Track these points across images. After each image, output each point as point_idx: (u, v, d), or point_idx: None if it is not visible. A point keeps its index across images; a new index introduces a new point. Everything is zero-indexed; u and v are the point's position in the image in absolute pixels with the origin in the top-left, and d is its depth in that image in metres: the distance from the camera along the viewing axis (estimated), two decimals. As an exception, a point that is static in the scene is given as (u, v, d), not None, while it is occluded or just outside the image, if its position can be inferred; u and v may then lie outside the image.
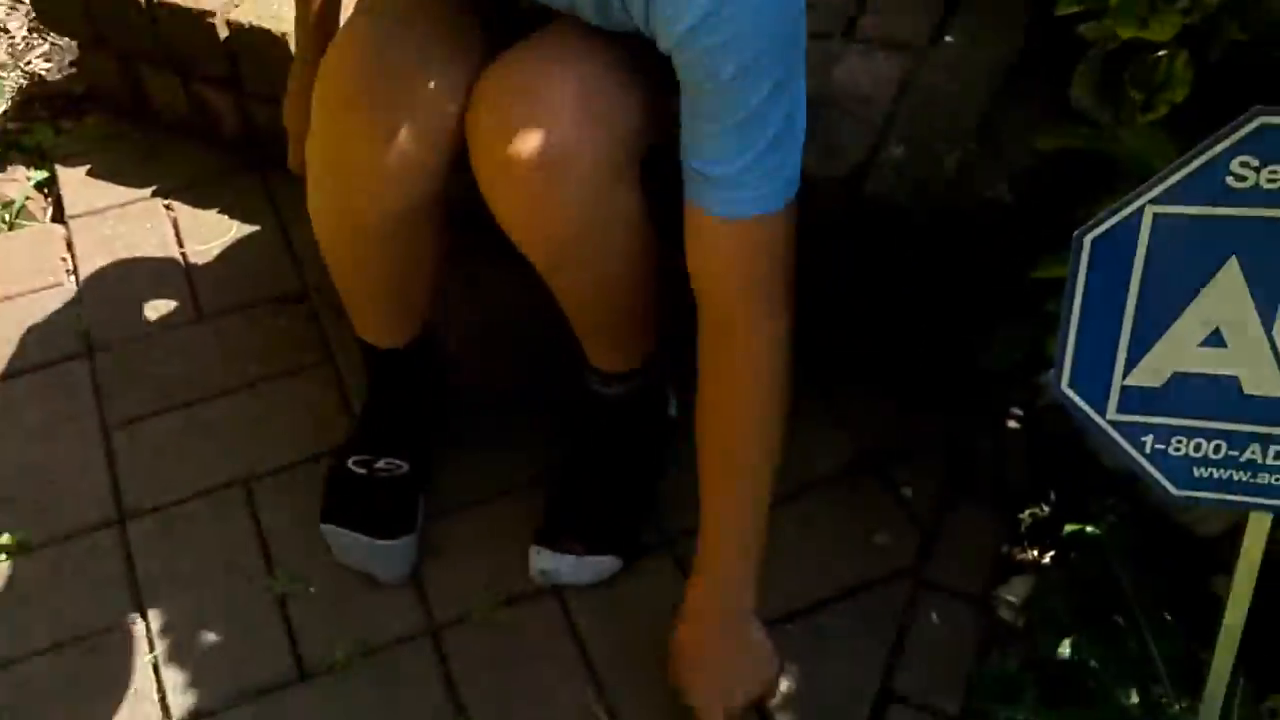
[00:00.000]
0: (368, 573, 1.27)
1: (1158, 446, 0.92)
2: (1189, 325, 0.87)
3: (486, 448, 1.39)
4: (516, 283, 1.22)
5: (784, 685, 1.20)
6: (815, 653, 1.23)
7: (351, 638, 1.23)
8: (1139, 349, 0.88)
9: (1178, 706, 1.21)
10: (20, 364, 1.48)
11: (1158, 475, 0.93)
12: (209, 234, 1.63)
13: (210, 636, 1.23)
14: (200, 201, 1.67)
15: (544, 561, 1.25)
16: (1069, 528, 1.34)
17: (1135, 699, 1.22)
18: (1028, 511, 1.38)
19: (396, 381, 1.32)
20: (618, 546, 1.28)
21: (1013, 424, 1.44)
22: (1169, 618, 1.27)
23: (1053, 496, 1.40)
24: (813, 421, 1.42)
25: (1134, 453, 0.93)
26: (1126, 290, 0.86)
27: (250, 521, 1.33)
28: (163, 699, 1.18)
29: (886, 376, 1.46)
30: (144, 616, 1.25)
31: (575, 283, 1.17)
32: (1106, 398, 0.90)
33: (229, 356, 1.49)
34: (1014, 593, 1.30)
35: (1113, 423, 0.92)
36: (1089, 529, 1.33)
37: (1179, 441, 0.92)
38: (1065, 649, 1.26)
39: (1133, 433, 0.92)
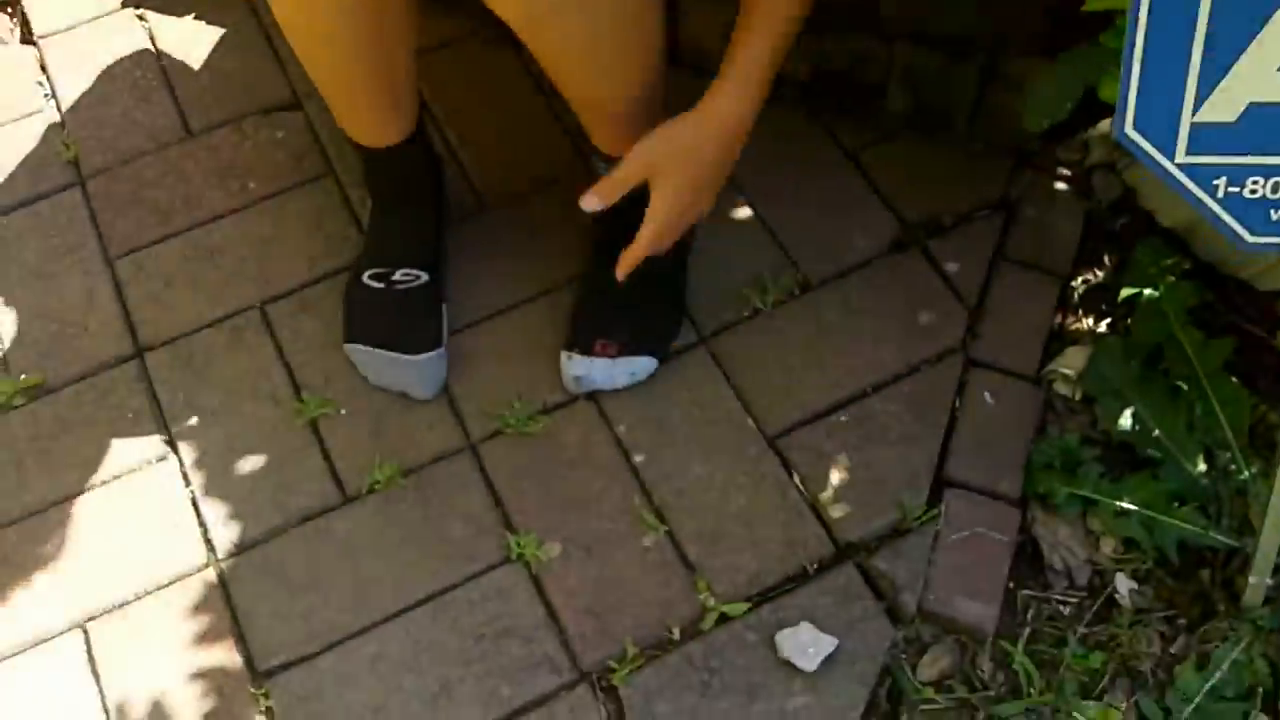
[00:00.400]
0: (399, 391, 1.22)
1: (1231, 189, 0.84)
2: (1268, 46, 0.77)
3: (507, 254, 1.32)
4: (518, 69, 1.12)
5: (839, 475, 1.17)
6: (867, 442, 1.19)
7: (390, 458, 1.19)
8: (1210, 79, 0.79)
9: (1247, 473, 1.17)
10: (10, 199, 1.40)
11: (1231, 222, 0.85)
12: (187, 44, 1.52)
13: (245, 466, 1.20)
14: (173, 8, 1.55)
15: (576, 368, 1.20)
16: (1125, 291, 1.27)
17: (1202, 466, 1.18)
18: (1080, 279, 1.31)
19: (398, 184, 1.24)
20: (652, 346, 1.22)
21: (1061, 186, 1.36)
22: (1235, 380, 1.22)
23: (1106, 260, 1.33)
24: (850, 199, 1.34)
25: (1205, 198, 0.84)
26: (1196, 10, 0.76)
27: (271, 347, 1.28)
28: (205, 533, 1.17)
29: (925, 142, 1.36)
30: (175, 451, 1.21)
31: (559, 41, 1.03)
32: (1175, 138, 0.82)
33: (225, 174, 1.40)
34: (1069, 365, 1.25)
35: (1182, 166, 0.83)
36: (1146, 292, 1.26)
37: (1255, 183, 0.83)
38: (1126, 420, 1.21)
39: (1204, 176, 0.83)
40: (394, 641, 1.09)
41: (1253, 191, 0.83)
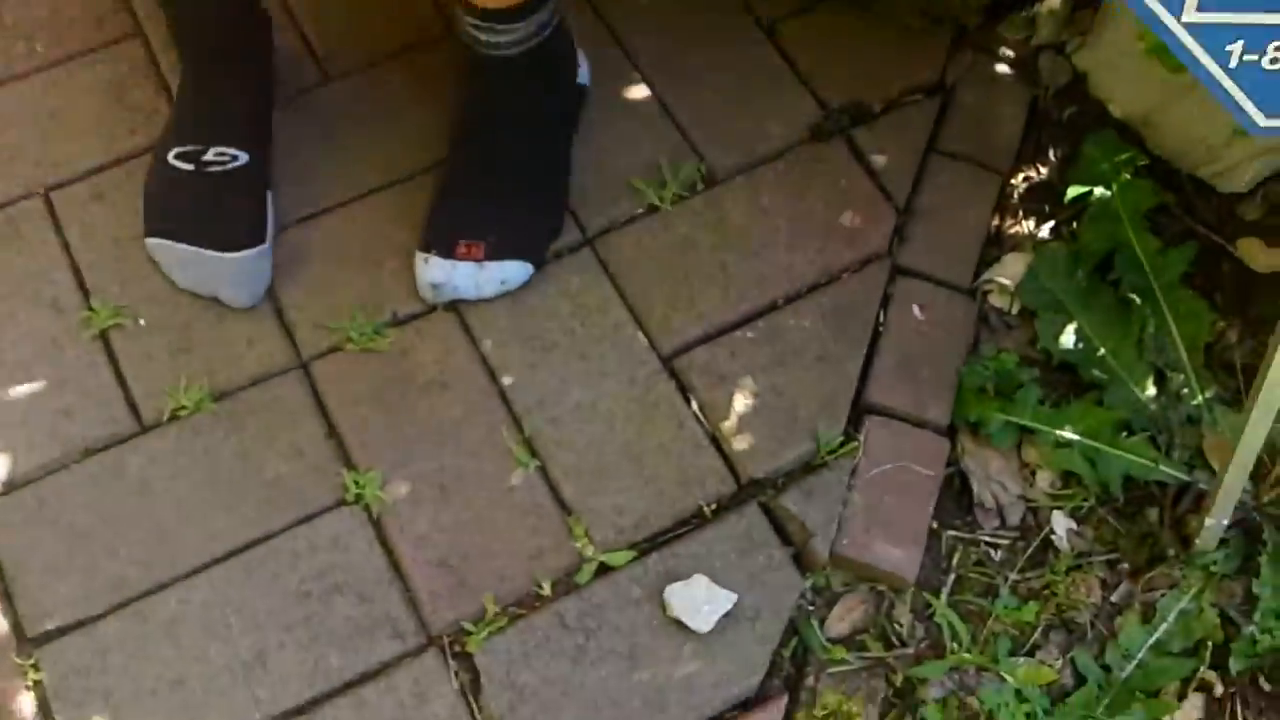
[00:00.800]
0: (210, 296, 1.01)
1: (1248, 57, 0.68)
2: None
3: (350, 135, 1.10)
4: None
5: (744, 400, 0.99)
6: (776, 363, 1.01)
7: (198, 379, 0.98)
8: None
9: (1201, 397, 1.03)
10: None
11: (1242, 99, 0.70)
12: None
13: (18, 387, 0.98)
14: None
15: (434, 273, 1.00)
16: (1072, 191, 1.11)
17: (1151, 389, 1.03)
18: (1022, 176, 1.15)
19: (213, 41, 1.01)
20: (525, 248, 1.02)
21: (1003, 69, 1.18)
22: (1192, 293, 1.07)
23: (1052, 155, 1.16)
24: (764, 79, 1.15)
25: (1215, 69, 0.69)
26: None
27: (55, 242, 1.05)
28: (-36, 468, 0.94)
29: (852, 13, 1.17)
30: (-70, 369, 0.99)
31: None
32: (1183, -10, 0.65)
33: (8, 33, 1.15)
34: (1007, 274, 1.08)
35: (1190, 26, 0.67)
36: (1096, 191, 1.10)
37: (1278, 48, 0.67)
38: (1069, 337, 1.06)
39: (1216, 39, 0.68)
40: (197, 601, 0.89)
41: (1274, 61, 0.67)
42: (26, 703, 0.86)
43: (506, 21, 0.96)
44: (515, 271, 1.02)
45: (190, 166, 1.00)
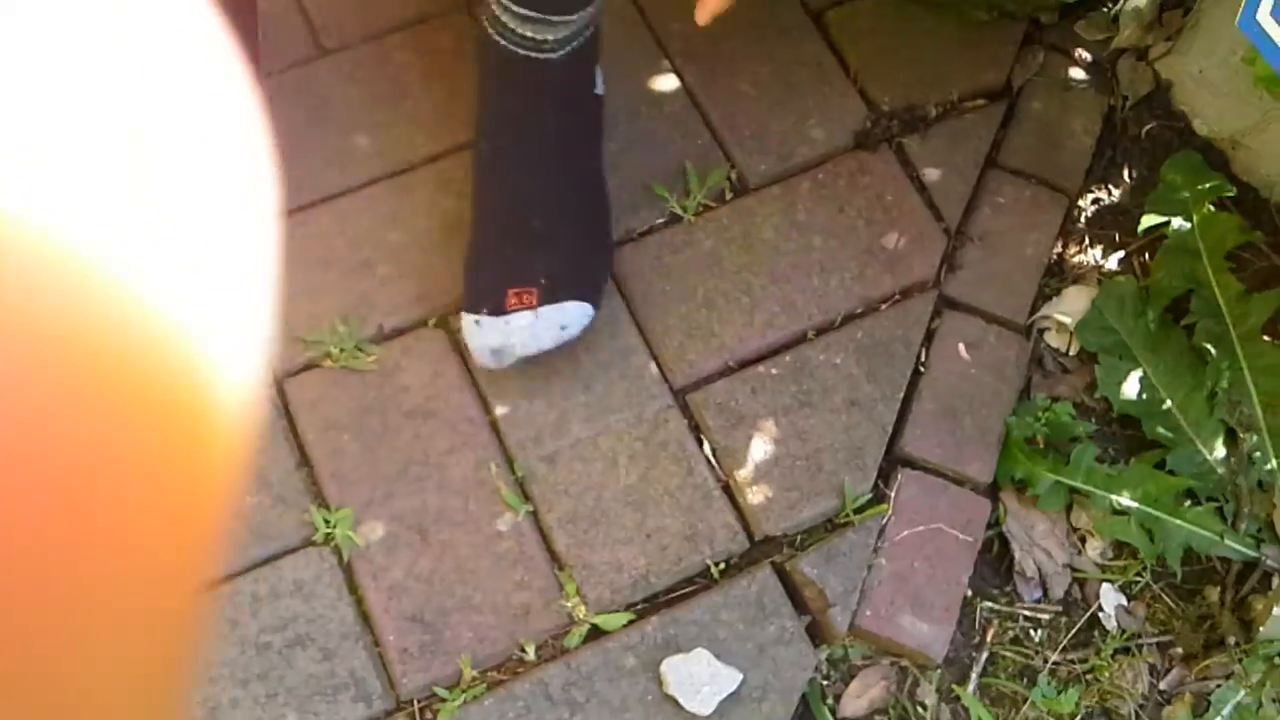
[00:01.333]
0: None
1: None
2: None
3: (346, 119, 0.99)
4: None
5: (763, 446, 0.89)
6: (802, 403, 0.90)
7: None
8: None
9: (1276, 461, 0.92)
10: None
11: None
12: None
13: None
14: None
15: (490, 336, 0.85)
16: (1147, 220, 0.98)
17: (1221, 450, 0.92)
18: (1091, 198, 1.03)
19: None
20: (583, 287, 0.88)
21: (1078, 74, 1.05)
22: (1274, 344, 0.96)
23: (1126, 176, 1.04)
24: (807, 74, 1.03)
25: None
26: None
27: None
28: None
29: (911, 3, 1.04)
30: None
31: None
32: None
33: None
34: (1067, 310, 0.97)
35: None
36: (1175, 223, 0.98)
37: None
38: (1132, 386, 0.94)
39: None
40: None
41: None
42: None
43: (563, 11, 0.82)
44: (575, 314, 0.86)
45: None
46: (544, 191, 0.88)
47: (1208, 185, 0.98)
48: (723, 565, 0.86)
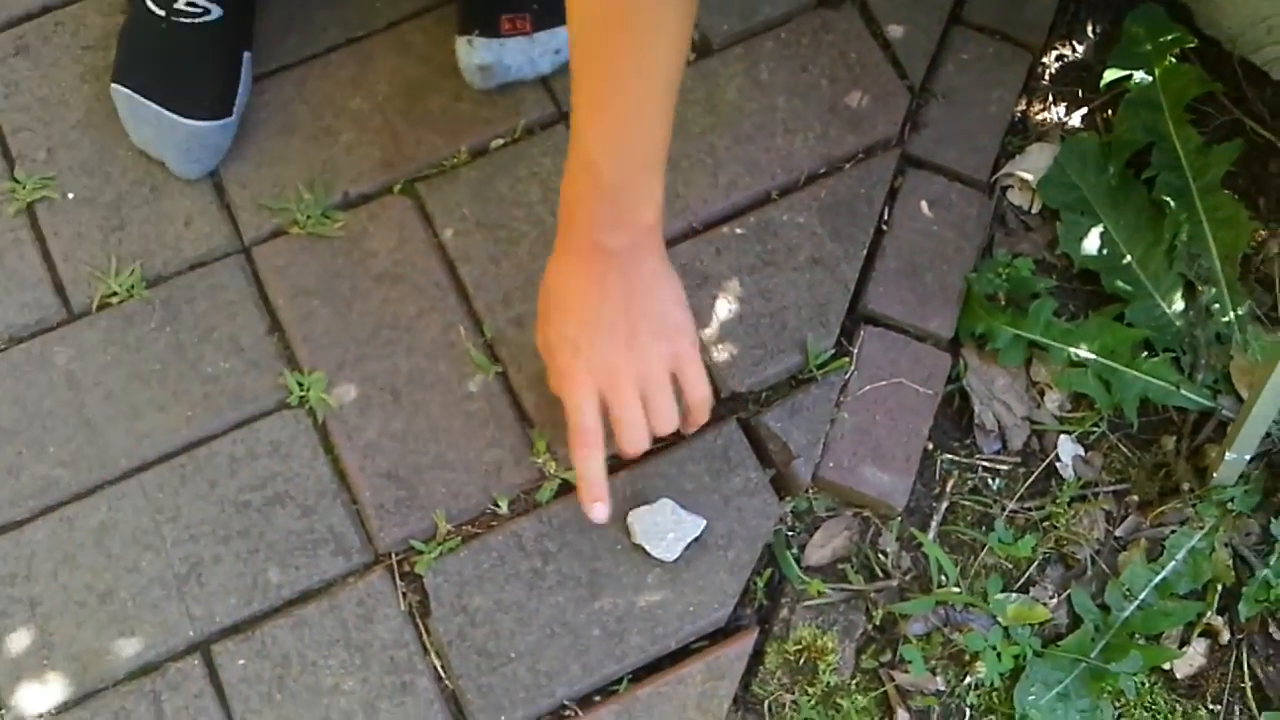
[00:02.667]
0: (158, 159, 0.92)
1: None
2: None
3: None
4: None
5: (728, 305, 0.90)
6: (766, 263, 0.92)
7: (131, 261, 0.90)
8: None
9: (1234, 313, 0.93)
10: None
11: None
12: None
13: (-63, 264, 0.90)
14: None
15: (480, 54, 0.91)
16: (1109, 74, 0.99)
17: (1179, 304, 0.94)
18: (1054, 54, 1.02)
19: None
20: None
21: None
22: (1234, 197, 0.97)
23: (1089, 30, 1.03)
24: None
25: None
26: None
27: (-25, 100, 0.95)
28: (-121, 353, 0.87)
29: None
30: None
31: None
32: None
33: None
34: (1029, 167, 0.98)
35: None
36: (1136, 76, 0.98)
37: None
38: (1093, 241, 0.96)
39: None
40: (128, 507, 0.83)
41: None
42: (-54, 611, 0.81)
43: None
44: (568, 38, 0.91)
45: (161, 12, 0.89)
46: None
47: (1170, 37, 0.98)
48: (689, 420, 0.88)
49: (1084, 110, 1.01)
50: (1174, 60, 0.98)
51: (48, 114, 0.94)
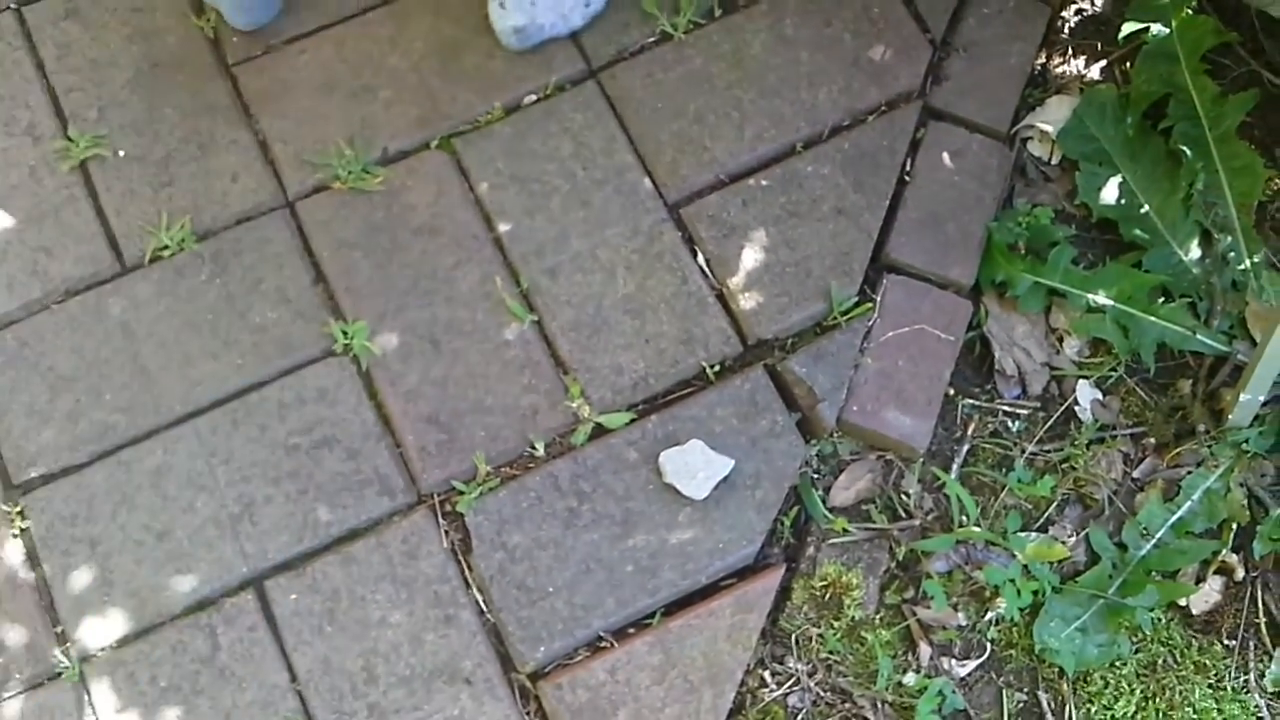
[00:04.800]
0: (213, 6, 0.95)
1: None
2: None
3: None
4: None
5: (754, 254, 0.93)
6: (791, 213, 0.94)
7: (181, 215, 0.93)
8: None
9: (1250, 260, 0.95)
10: None
11: None
12: None
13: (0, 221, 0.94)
14: None
15: (514, 16, 0.93)
16: (1127, 27, 1.00)
17: (1196, 251, 0.96)
18: (1074, 8, 1.04)
19: None
20: None
21: (1065, -116, 1.05)
22: (1248, 145, 0.98)
23: (1110, -14, 1.05)
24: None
25: None
26: None
27: (30, 64, 0.98)
28: (-57, 306, 0.91)
29: None
30: (-98, 199, 0.94)
31: None
32: None
33: None
34: (1049, 119, 1.00)
35: None
36: (1154, 28, 1.00)
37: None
38: (1111, 191, 0.98)
39: None
40: (183, 451, 0.87)
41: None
42: (15, 551, 0.85)
43: None
44: None
45: None
46: None
47: (1188, -10, 1.00)
48: (717, 367, 0.91)
49: (1103, 63, 1.03)
50: (1190, 13, 1.00)
51: (98, 75, 0.97)
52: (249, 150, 0.95)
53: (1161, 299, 0.95)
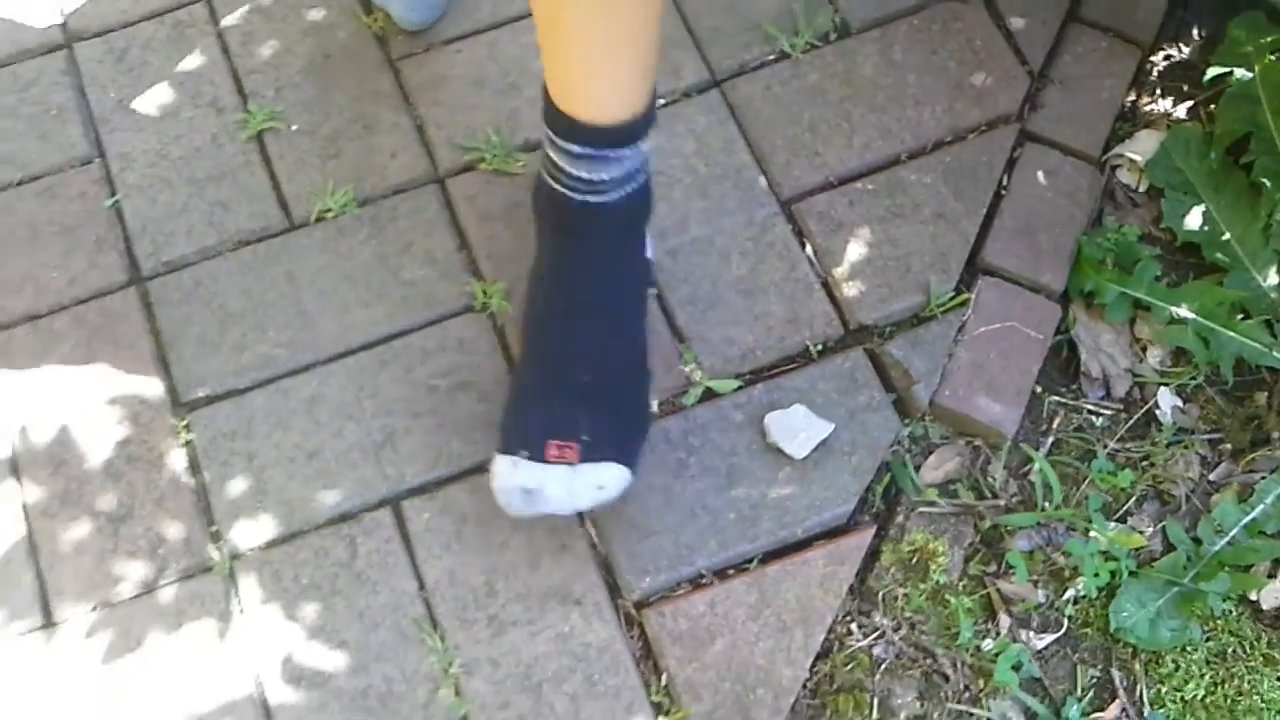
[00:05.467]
0: (382, 6, 1.07)
1: None
2: None
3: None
4: None
5: (858, 249, 1.01)
6: (895, 215, 1.03)
7: (344, 184, 1.04)
8: None
9: (1325, 285, 1.02)
10: None
11: None
12: None
13: (179, 178, 1.05)
14: None
15: (526, 477, 0.85)
16: (1212, 71, 1.09)
17: (1274, 278, 1.02)
18: (1162, 52, 1.13)
19: None
20: (621, 451, 0.88)
21: (1156, -57, 1.15)
22: (1328, 180, 1.06)
23: (1195, 33, 1.14)
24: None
25: None
26: None
27: (217, 48, 1.10)
28: (129, 246, 1.02)
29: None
30: (102, 155, 1.06)
31: None
32: None
33: None
34: (1138, 150, 1.08)
35: None
36: (1237, 73, 1.08)
37: None
38: (1194, 218, 1.05)
39: None
40: (335, 384, 0.96)
41: None
42: (178, 459, 0.94)
43: (612, 144, 0.81)
44: (613, 476, 0.86)
45: None
46: (594, 348, 0.87)
47: (1270, 39, 1.08)
48: (820, 347, 0.99)
49: (1189, 103, 1.11)
50: (1273, 59, 1.08)
51: (276, 60, 1.09)
52: (408, 133, 1.06)
53: (1241, 316, 1.02)
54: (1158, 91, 1.12)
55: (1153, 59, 1.12)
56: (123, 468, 0.94)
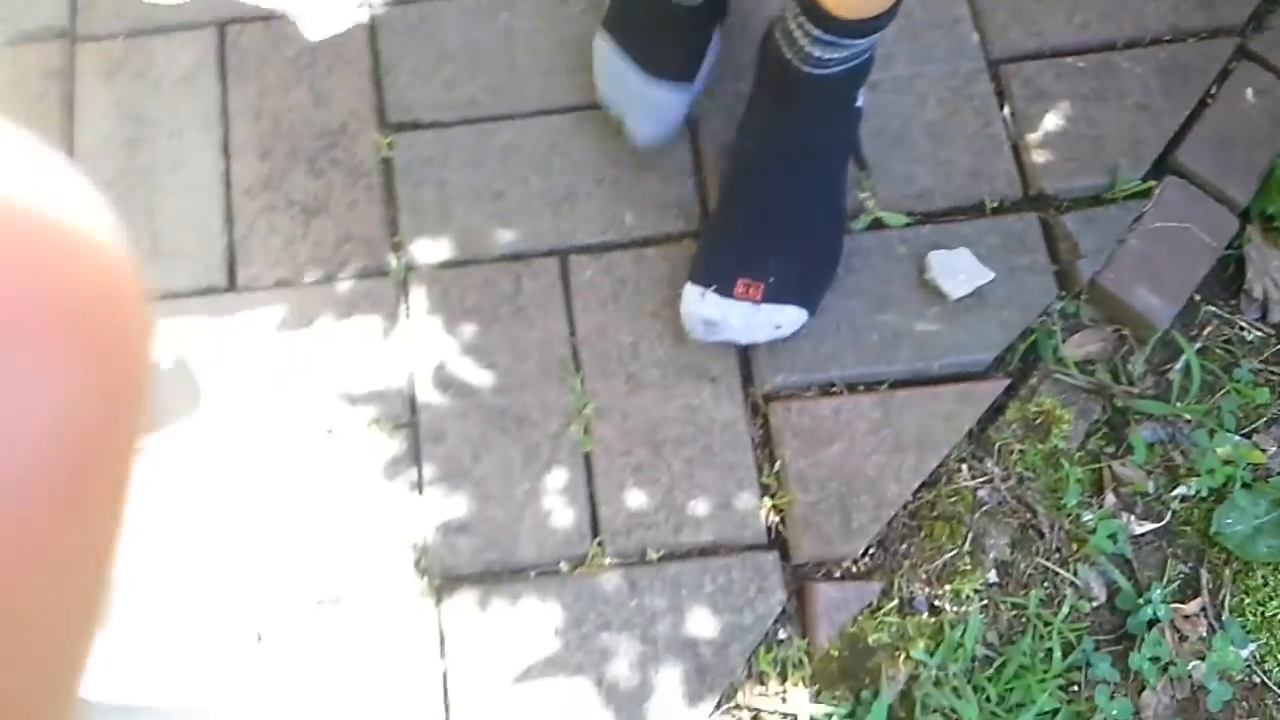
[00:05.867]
0: (617, 119, 0.99)
1: None
2: None
3: None
4: None
5: (1055, 120, 1.02)
6: (1099, 96, 1.03)
7: None
8: None
9: None
10: None
11: None
12: None
13: (423, -76, 1.10)
14: None
15: (710, 309, 0.90)
16: None
17: None
18: None
19: None
20: (804, 295, 0.93)
21: None
22: None
23: None
24: None
25: None
26: None
27: None
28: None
29: None
30: None
31: None
32: None
33: None
34: (1357, 89, 1.06)
35: None
36: None
37: None
38: (1399, 163, 1.04)
39: None
40: (531, 137, 1.02)
41: None
42: (377, 171, 1.01)
43: (854, 36, 0.81)
44: (791, 317, 0.92)
45: None
46: (795, 200, 0.90)
47: None
48: (997, 204, 1.01)
49: None
50: None
51: None
52: None
53: None
54: (1394, 37, 1.09)
55: (1397, 4, 1.09)
56: (325, 167, 1.01)
